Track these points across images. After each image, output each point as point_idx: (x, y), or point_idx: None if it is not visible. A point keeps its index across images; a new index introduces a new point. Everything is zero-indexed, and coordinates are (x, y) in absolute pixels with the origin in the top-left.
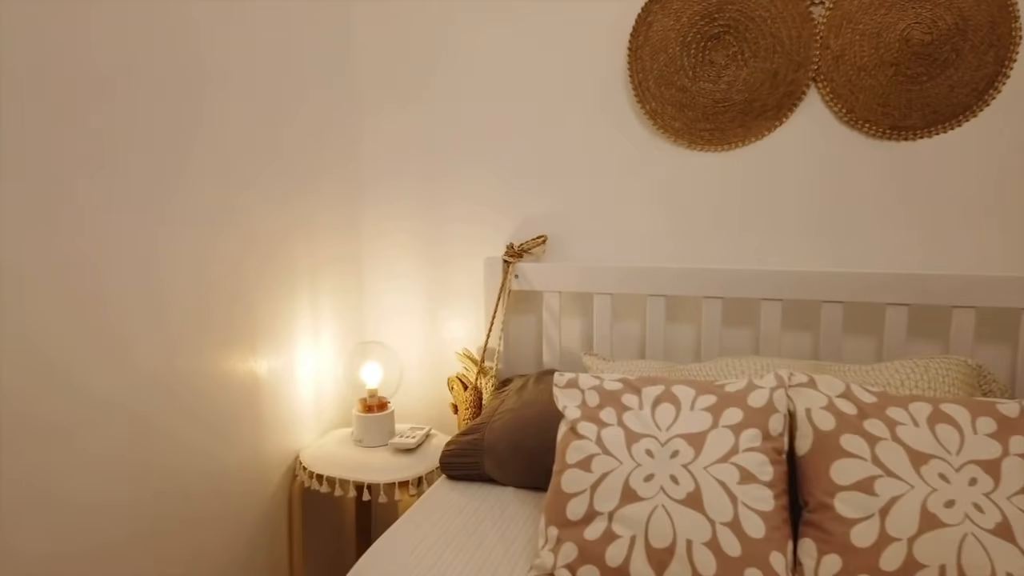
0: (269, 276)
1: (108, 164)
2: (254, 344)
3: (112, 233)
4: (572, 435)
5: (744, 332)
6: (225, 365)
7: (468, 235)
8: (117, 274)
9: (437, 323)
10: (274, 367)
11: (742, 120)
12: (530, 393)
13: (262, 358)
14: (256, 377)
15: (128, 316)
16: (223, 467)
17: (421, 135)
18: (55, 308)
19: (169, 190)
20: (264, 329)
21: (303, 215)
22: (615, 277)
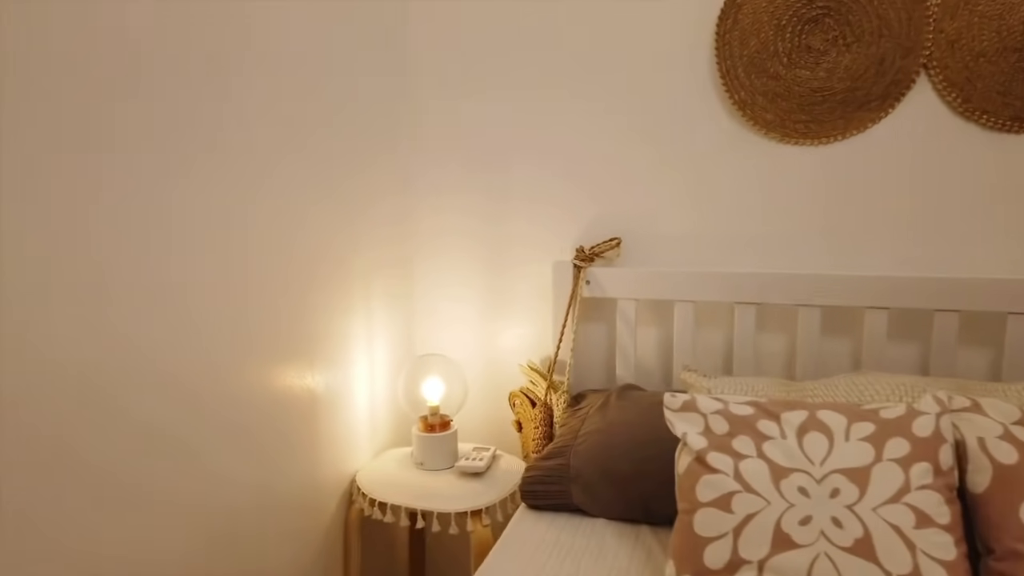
0: (321, 281)
1: (138, 167)
2: (312, 358)
3: (135, 238)
4: (701, 467)
5: (842, 343)
6: (280, 382)
7: (530, 238)
8: (155, 290)
9: (494, 333)
10: (331, 383)
11: (842, 111)
12: (615, 411)
13: (319, 373)
14: (314, 394)
15: (168, 328)
16: (277, 498)
17: (478, 128)
18: (88, 328)
19: (205, 193)
20: (321, 341)
21: (351, 214)
22: (699, 283)
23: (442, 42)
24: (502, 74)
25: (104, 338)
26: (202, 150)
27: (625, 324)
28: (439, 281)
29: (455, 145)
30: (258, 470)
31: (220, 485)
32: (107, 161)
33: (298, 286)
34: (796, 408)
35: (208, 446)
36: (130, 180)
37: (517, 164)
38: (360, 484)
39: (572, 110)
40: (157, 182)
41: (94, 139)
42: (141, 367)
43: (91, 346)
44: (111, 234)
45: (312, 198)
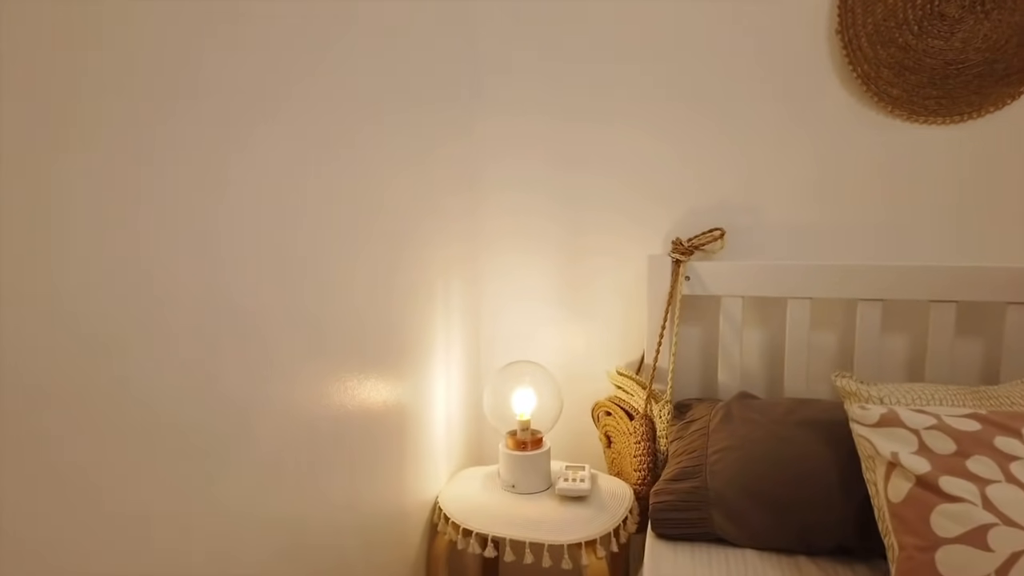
0: (403, 274)
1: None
2: (400, 368)
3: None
4: (931, 495)
5: (975, 343)
6: (372, 396)
7: (612, 229)
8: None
9: (571, 338)
10: (417, 396)
11: (978, 85)
12: (744, 425)
13: (407, 384)
14: (403, 409)
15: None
16: (365, 526)
17: (554, 102)
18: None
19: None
20: (409, 348)
21: (427, 195)
22: (816, 277)
23: (512, 17)
24: (577, 51)
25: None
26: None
27: (730, 324)
28: (509, 283)
29: (527, 124)
30: (348, 492)
31: (314, 504)
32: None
33: (384, 284)
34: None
35: (299, 463)
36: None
37: (601, 147)
38: (446, 510)
39: (667, 85)
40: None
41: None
42: (206, 387)
43: (163, 380)
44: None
45: (390, 176)
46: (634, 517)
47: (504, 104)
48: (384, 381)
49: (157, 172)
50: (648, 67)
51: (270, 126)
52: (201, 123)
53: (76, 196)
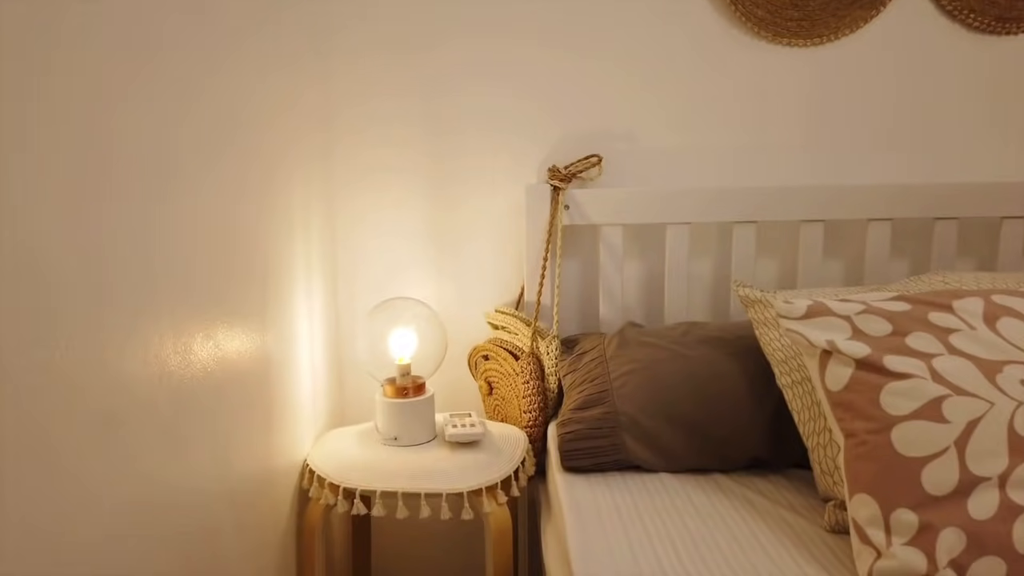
0: (267, 213)
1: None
2: (263, 314)
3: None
4: (877, 376)
5: (840, 258)
6: (235, 348)
7: (482, 159)
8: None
9: (442, 277)
10: (282, 346)
11: (835, 7)
12: (643, 349)
13: (271, 330)
14: (268, 359)
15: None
16: (233, 490)
17: (414, 29)
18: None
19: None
20: (272, 292)
21: (281, 127)
22: (695, 202)
23: None
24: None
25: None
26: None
27: (611, 256)
28: (372, 222)
29: (390, 48)
30: (215, 457)
31: (152, 482)
32: None
33: (246, 222)
34: (964, 296)
35: (147, 431)
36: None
37: (459, 78)
38: (319, 471)
39: (533, 9)
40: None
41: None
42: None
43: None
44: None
45: (240, 106)
46: (531, 458)
47: (359, 31)
48: (248, 331)
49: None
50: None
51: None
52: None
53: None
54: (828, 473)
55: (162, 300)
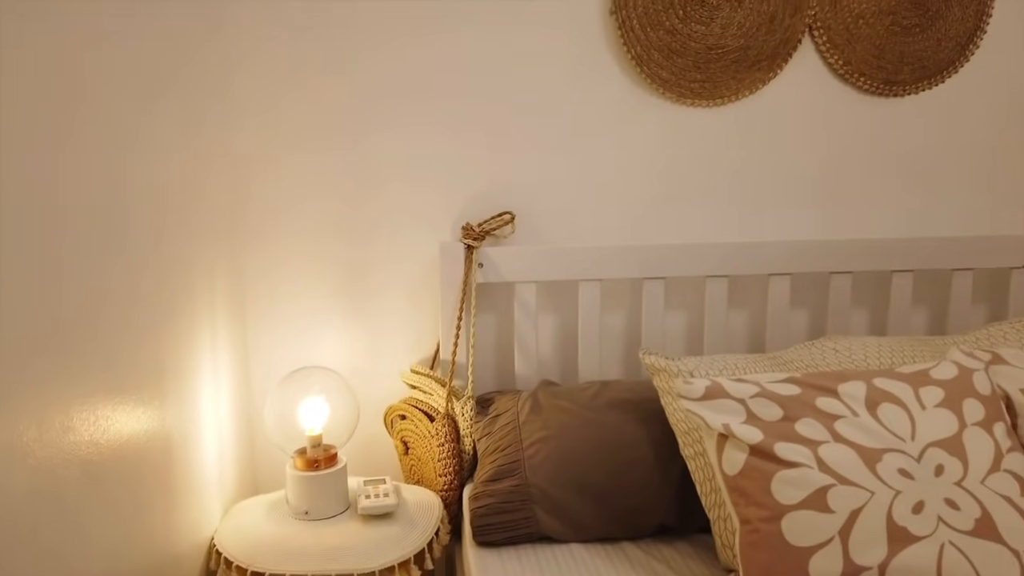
0: (169, 287)
1: None
2: (161, 386)
3: None
4: (768, 463)
5: (744, 311)
6: (125, 427)
7: (396, 217)
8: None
9: (357, 337)
10: (183, 417)
11: (735, 70)
12: (556, 413)
13: (171, 403)
14: (168, 435)
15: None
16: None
17: (327, 79)
18: None
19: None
20: (171, 361)
21: (182, 187)
22: (605, 258)
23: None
24: (360, 23)
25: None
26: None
27: (525, 312)
28: (282, 282)
29: (297, 106)
30: (114, 540)
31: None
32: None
33: (147, 295)
34: (849, 379)
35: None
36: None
37: (372, 133)
38: (226, 551)
39: (451, 62)
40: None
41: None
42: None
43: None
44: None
45: (143, 161)
46: (446, 526)
47: (267, 84)
48: (143, 410)
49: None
50: (434, 46)
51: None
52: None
53: None
54: (728, 547)
55: (47, 382)
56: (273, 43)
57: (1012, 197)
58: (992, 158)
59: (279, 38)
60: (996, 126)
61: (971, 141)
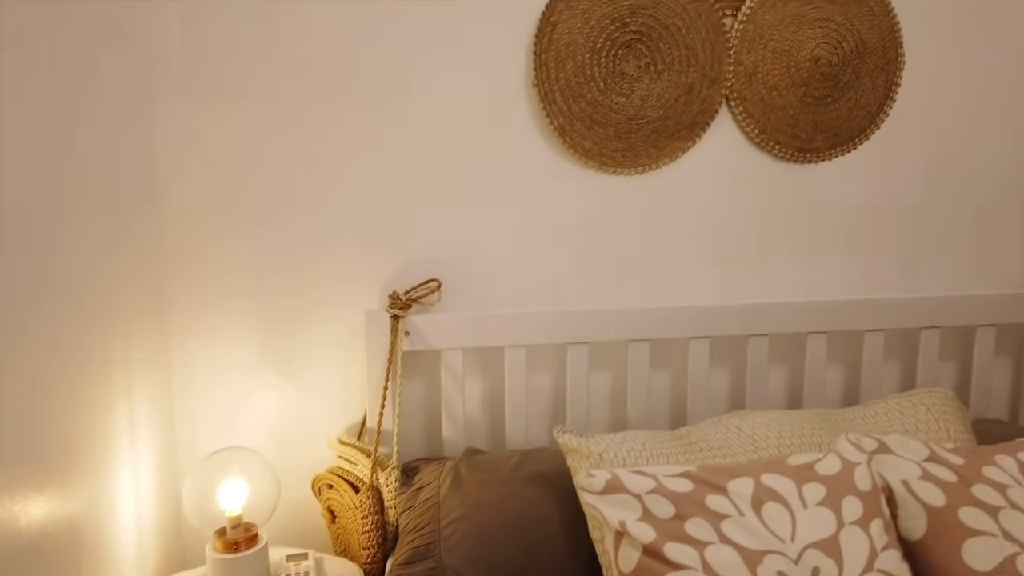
0: (75, 369)
1: None
2: (69, 474)
3: None
4: (659, 564)
5: (666, 373)
6: (24, 518)
7: (324, 284)
8: None
9: (287, 405)
10: (96, 505)
11: (655, 140)
12: (476, 488)
13: (82, 491)
14: (77, 527)
15: None
16: None
17: (254, 150)
18: None
19: None
20: (83, 446)
21: (96, 266)
22: (531, 324)
23: (204, 36)
24: (282, 80)
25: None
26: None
27: (452, 379)
28: (207, 353)
29: (223, 176)
30: None
31: None
32: None
33: (51, 377)
34: (739, 475)
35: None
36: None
37: (300, 202)
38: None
39: (376, 135)
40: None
41: None
42: None
43: None
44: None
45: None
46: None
47: (193, 167)
48: (48, 493)
49: None
50: (359, 123)
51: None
52: None
53: None
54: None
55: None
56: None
57: (921, 259)
58: (902, 221)
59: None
60: (905, 190)
61: (882, 204)
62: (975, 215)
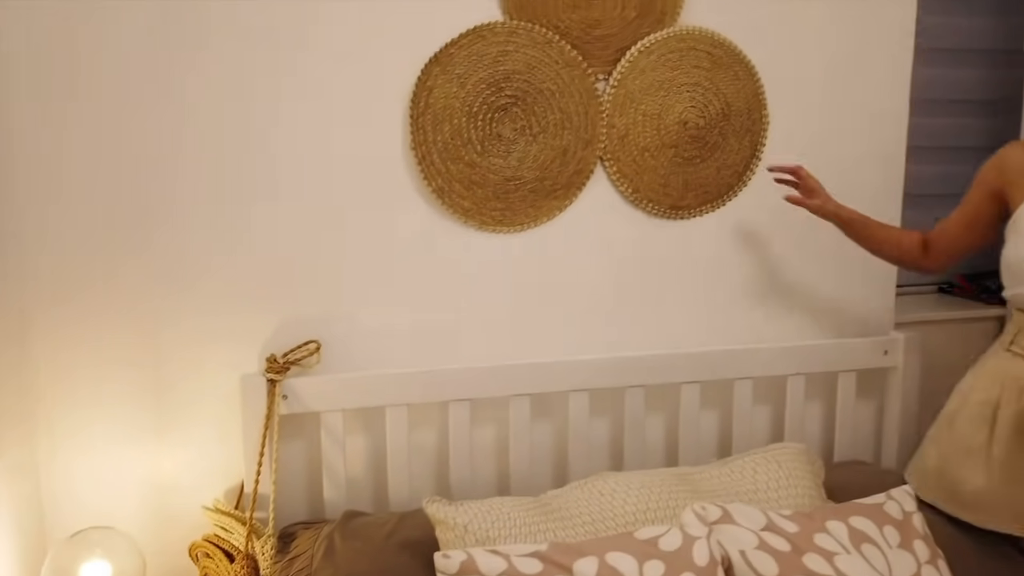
0: None
1: None
2: None
3: None
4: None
5: (547, 426)
6: None
7: (200, 348)
8: None
9: (164, 471)
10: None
11: (533, 199)
12: (348, 558)
13: None
14: None
15: None
16: None
17: (120, 201)
18: None
19: None
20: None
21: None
22: (412, 383)
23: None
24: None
25: None
26: None
27: (332, 440)
28: (78, 422)
29: (88, 227)
30: None
31: None
32: None
33: None
34: (586, 554)
35: None
36: None
37: (174, 262)
38: None
39: (244, 198)
40: None
41: None
42: None
43: None
44: None
45: None
46: None
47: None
48: None
49: None
50: (243, 170)
51: None
52: None
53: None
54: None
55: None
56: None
57: (784, 309)
58: (767, 273)
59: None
60: (772, 242)
61: (749, 258)
62: (836, 265)
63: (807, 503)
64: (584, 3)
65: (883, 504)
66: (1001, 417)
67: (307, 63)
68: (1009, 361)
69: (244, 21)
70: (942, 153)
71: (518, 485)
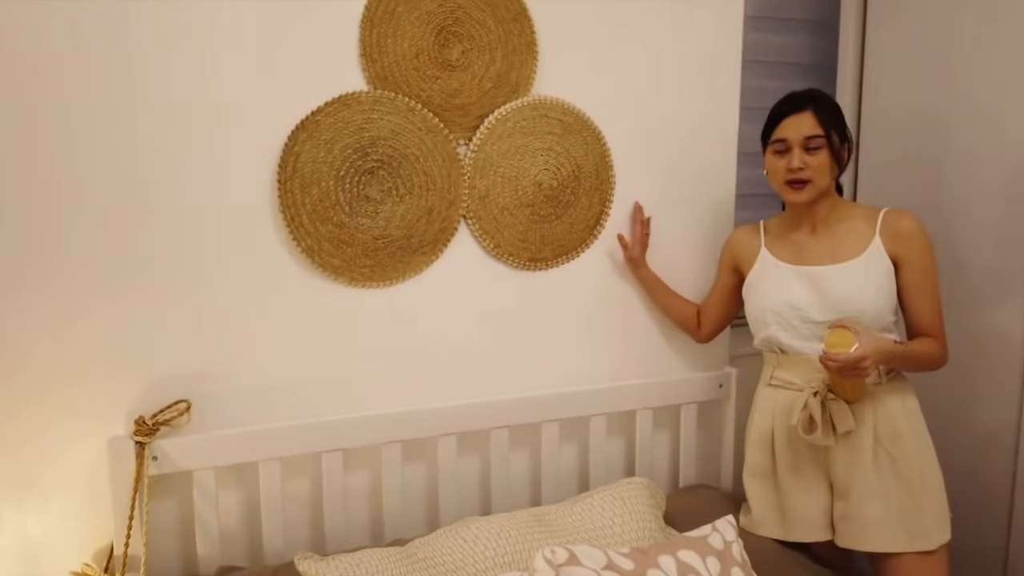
0: None
1: None
2: None
3: None
4: None
5: (419, 469)
6: None
7: (67, 410)
8: None
9: (29, 534)
10: None
11: (401, 256)
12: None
13: None
14: None
15: None
16: None
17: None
18: None
19: None
20: None
21: None
22: (285, 437)
23: None
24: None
25: None
26: None
27: (205, 497)
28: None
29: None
30: None
31: None
32: None
33: None
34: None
35: None
36: None
37: (32, 322)
38: None
39: (110, 258)
40: None
41: None
42: None
43: None
44: None
45: None
46: None
47: None
48: None
49: None
50: (109, 229)
51: None
52: None
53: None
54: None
55: None
56: None
57: (632, 351)
58: (618, 318)
59: None
60: (620, 290)
61: (602, 304)
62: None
63: (646, 536)
64: (444, 75)
65: (707, 536)
66: (778, 442)
67: (182, 132)
68: (773, 392)
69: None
70: (768, 200)
71: (392, 529)
